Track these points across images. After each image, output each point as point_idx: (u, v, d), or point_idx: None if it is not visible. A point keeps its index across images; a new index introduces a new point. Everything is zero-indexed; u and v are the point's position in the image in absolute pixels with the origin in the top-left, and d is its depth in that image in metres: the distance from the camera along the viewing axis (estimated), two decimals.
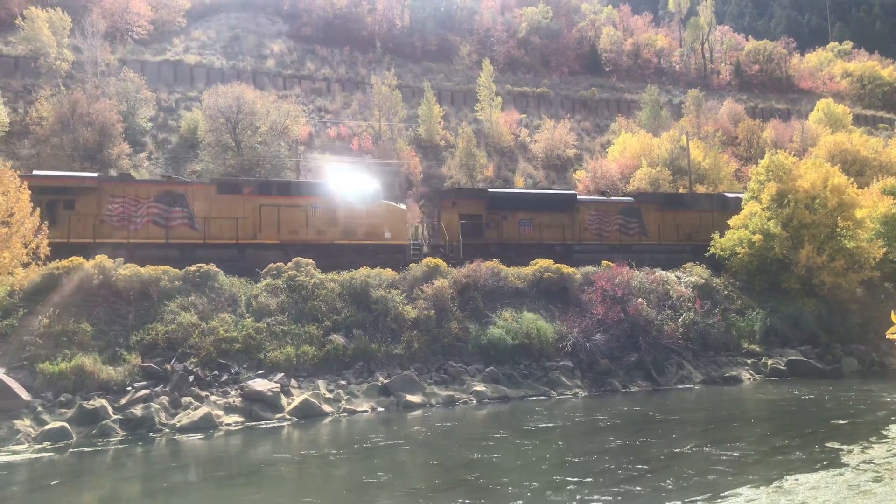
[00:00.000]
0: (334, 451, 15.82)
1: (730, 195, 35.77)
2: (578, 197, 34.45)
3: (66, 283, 21.11)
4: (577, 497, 11.89)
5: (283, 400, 19.67)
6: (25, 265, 21.18)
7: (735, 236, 30.67)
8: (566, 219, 32.46)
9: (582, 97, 68.17)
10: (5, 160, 25.74)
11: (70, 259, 21.69)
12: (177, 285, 22.37)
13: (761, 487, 12.02)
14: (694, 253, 32.52)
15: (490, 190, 33.75)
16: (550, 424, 18.37)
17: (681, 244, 33.68)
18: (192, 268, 23.14)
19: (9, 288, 20.55)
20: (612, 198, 35.56)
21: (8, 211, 20.49)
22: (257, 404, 19.22)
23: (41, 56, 46.15)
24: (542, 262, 27.48)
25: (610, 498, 11.80)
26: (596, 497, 11.90)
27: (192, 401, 18.92)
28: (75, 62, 46.99)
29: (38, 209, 21.65)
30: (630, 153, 47.38)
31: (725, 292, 29.47)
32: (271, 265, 24.84)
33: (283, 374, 20.62)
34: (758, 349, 27.04)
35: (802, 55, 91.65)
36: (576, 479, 13.01)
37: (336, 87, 59.70)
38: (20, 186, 21.17)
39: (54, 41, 47.11)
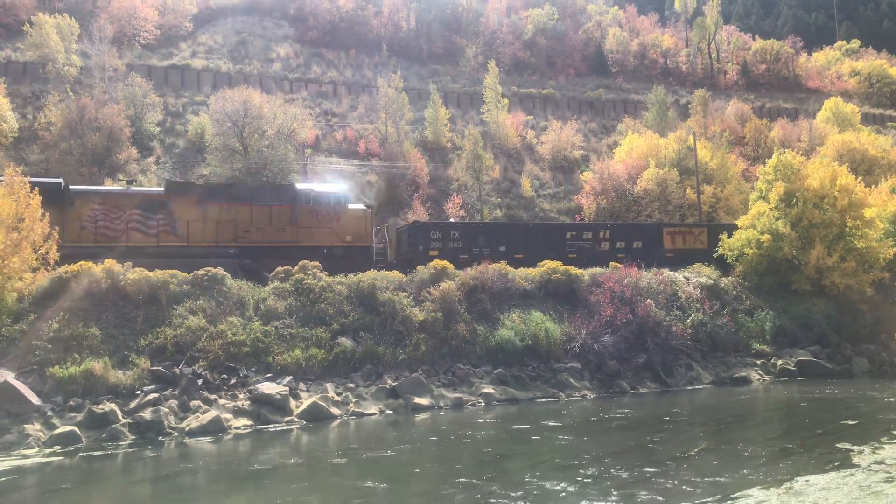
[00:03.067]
0: (343, 454, 15.83)
1: (300, 187, 30.22)
2: (73, 187, 27.20)
3: (75, 288, 21.20)
4: (587, 498, 11.86)
5: (292, 403, 19.70)
6: (35, 270, 21.30)
7: (743, 236, 30.55)
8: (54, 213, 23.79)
9: (588, 98, 68.05)
10: (14, 166, 25.89)
11: (79, 263, 21.78)
12: (185, 289, 22.44)
13: (772, 489, 11.96)
14: (240, 256, 27.21)
15: None
16: (559, 425, 18.32)
17: (221, 247, 27.25)
18: (201, 272, 23.22)
19: (18, 293, 20.64)
20: (132, 188, 28.48)
21: (18, 216, 20.61)
22: (266, 407, 19.25)
23: (49, 62, 46.39)
24: (550, 264, 27.43)
25: (620, 499, 11.76)
26: (605, 498, 11.87)
27: (201, 404, 18.97)
28: (83, 67, 47.22)
29: (47, 214, 21.79)
30: (637, 154, 47.23)
31: (734, 293, 29.36)
32: (279, 269, 24.90)
33: (291, 377, 20.65)
34: (767, 350, 26.93)
35: (810, 54, 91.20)
36: (585, 481, 12.97)
37: (342, 90, 59.79)
38: (30, 192, 21.31)
39: (62, 47, 47.34)
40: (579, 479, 13.25)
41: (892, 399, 21.09)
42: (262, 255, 27.24)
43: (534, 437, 16.87)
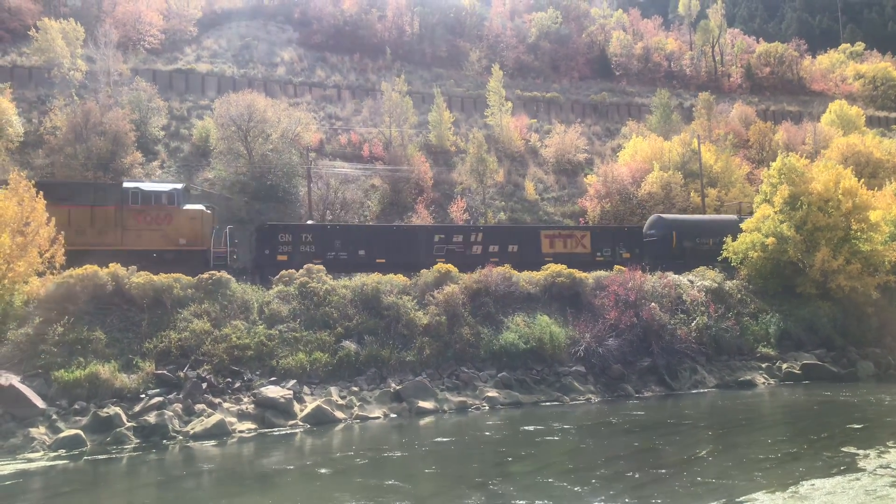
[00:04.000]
0: (347, 458, 15.82)
1: (128, 185, 27.44)
2: None
3: (81, 292, 21.24)
4: (593, 501, 11.84)
5: (296, 406, 19.70)
6: (40, 274, 21.36)
7: (748, 239, 30.48)
8: None
9: (592, 101, 68.05)
10: (20, 170, 25.98)
11: (84, 267, 21.84)
12: (189, 293, 22.47)
13: (777, 493, 11.93)
14: None
15: None
16: (564, 429, 18.30)
17: None
18: (205, 275, 23.26)
19: (24, 297, 20.70)
20: None
21: (23, 220, 20.69)
22: (270, 411, 19.26)
23: (55, 66, 46.58)
24: (554, 268, 27.43)
25: (626, 502, 11.75)
26: (612, 501, 11.84)
27: (206, 408, 18.99)
28: (88, 72, 47.39)
29: (53, 218, 21.85)
30: (641, 157, 47.23)
31: (739, 296, 29.29)
32: (283, 272, 24.92)
33: (295, 380, 20.67)
34: (772, 353, 26.85)
35: (814, 57, 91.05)
36: (589, 485, 12.95)
37: (346, 93, 59.92)
38: (35, 196, 21.38)
39: (68, 51, 47.55)
40: (585, 481, 13.22)
41: None
42: (83, 260, 23.15)
43: (539, 441, 16.85)
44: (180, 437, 17.76)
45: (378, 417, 20.06)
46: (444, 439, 17.49)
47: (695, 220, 36.11)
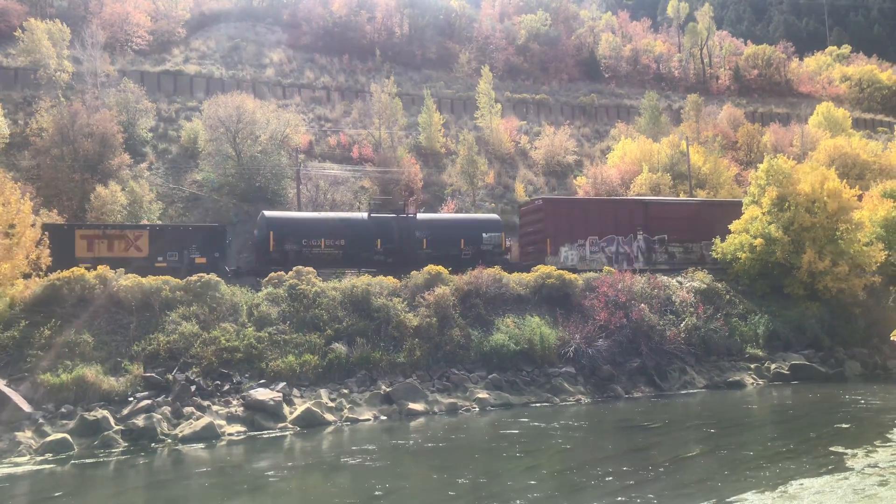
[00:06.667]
0: (337, 460, 15.76)
1: None
2: None
3: (68, 294, 21.08)
4: (582, 501, 11.85)
5: (286, 409, 19.62)
6: (27, 276, 21.19)
7: (736, 241, 30.62)
8: None
9: (581, 103, 68.22)
10: (6, 171, 25.76)
11: (71, 270, 21.68)
12: (178, 295, 22.34)
13: (766, 492, 11.97)
14: None
15: None
16: (554, 430, 18.30)
17: None
18: (193, 277, 23.13)
19: (10, 300, 20.52)
20: None
21: (9, 222, 20.52)
22: (259, 414, 19.17)
23: (41, 67, 46.23)
24: (544, 269, 27.46)
25: (615, 503, 11.75)
26: (601, 501, 11.86)
27: (194, 411, 18.88)
28: (75, 73, 47.08)
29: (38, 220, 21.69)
30: (630, 159, 47.40)
31: (727, 297, 29.41)
32: (272, 274, 24.81)
33: (285, 383, 20.58)
34: (760, 354, 26.97)
35: (801, 59, 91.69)
36: (579, 485, 12.96)
37: (336, 95, 59.79)
38: (21, 198, 21.22)
39: (54, 52, 47.20)
40: (575, 482, 13.23)
41: (885, 402, 21.15)
42: None
43: (529, 442, 16.84)
44: (169, 441, 17.65)
45: (368, 419, 20.00)
46: (435, 441, 17.45)
47: (309, 219, 29.43)
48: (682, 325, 26.35)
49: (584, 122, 65.18)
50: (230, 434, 18.32)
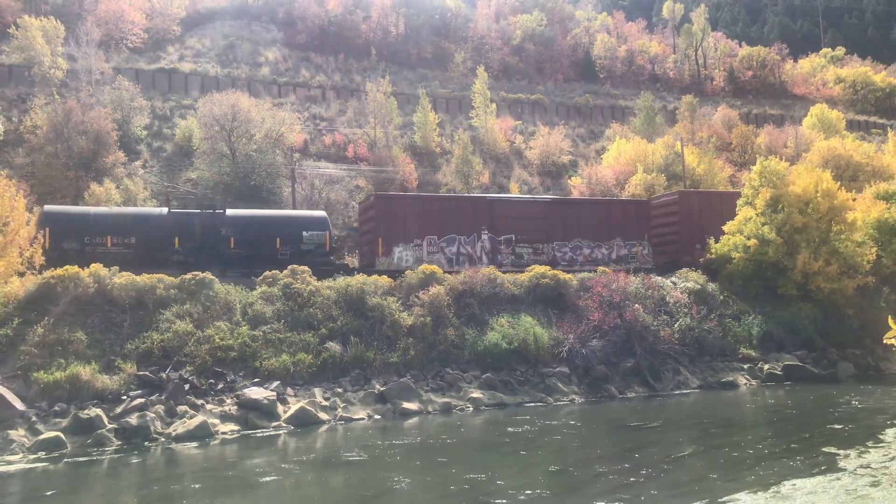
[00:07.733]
0: (331, 459, 15.76)
1: None
2: None
3: (62, 292, 21.02)
4: (575, 501, 11.87)
5: (280, 408, 19.60)
6: (21, 274, 21.12)
7: (730, 241, 30.71)
8: None
9: (576, 104, 68.36)
10: (0, 169, 25.66)
11: (65, 268, 21.61)
12: (172, 293, 22.29)
13: (759, 493, 12.01)
14: None
15: None
16: (547, 430, 18.34)
17: None
18: (188, 276, 23.09)
19: (4, 297, 20.45)
20: None
21: (2, 219, 20.44)
22: (253, 412, 19.15)
23: (35, 65, 46.10)
24: (538, 269, 27.50)
25: (607, 503, 11.78)
26: (593, 501, 11.87)
27: (188, 409, 18.84)
28: (69, 71, 46.96)
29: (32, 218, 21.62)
30: (625, 159, 47.50)
31: (721, 297, 29.49)
32: (266, 273, 24.77)
33: (279, 382, 20.56)
34: (754, 354, 27.05)
35: (795, 61, 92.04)
36: (572, 486, 12.99)
37: (331, 94, 59.76)
38: (15, 195, 21.15)
39: (48, 50, 47.05)
40: (568, 482, 13.26)
41: (878, 403, 21.24)
42: None
43: (523, 442, 16.87)
44: (162, 439, 17.62)
45: (362, 419, 20.00)
46: (429, 440, 17.46)
47: (93, 214, 26.80)
48: (675, 325, 26.43)
49: (579, 123, 65.31)
50: (224, 433, 18.30)
